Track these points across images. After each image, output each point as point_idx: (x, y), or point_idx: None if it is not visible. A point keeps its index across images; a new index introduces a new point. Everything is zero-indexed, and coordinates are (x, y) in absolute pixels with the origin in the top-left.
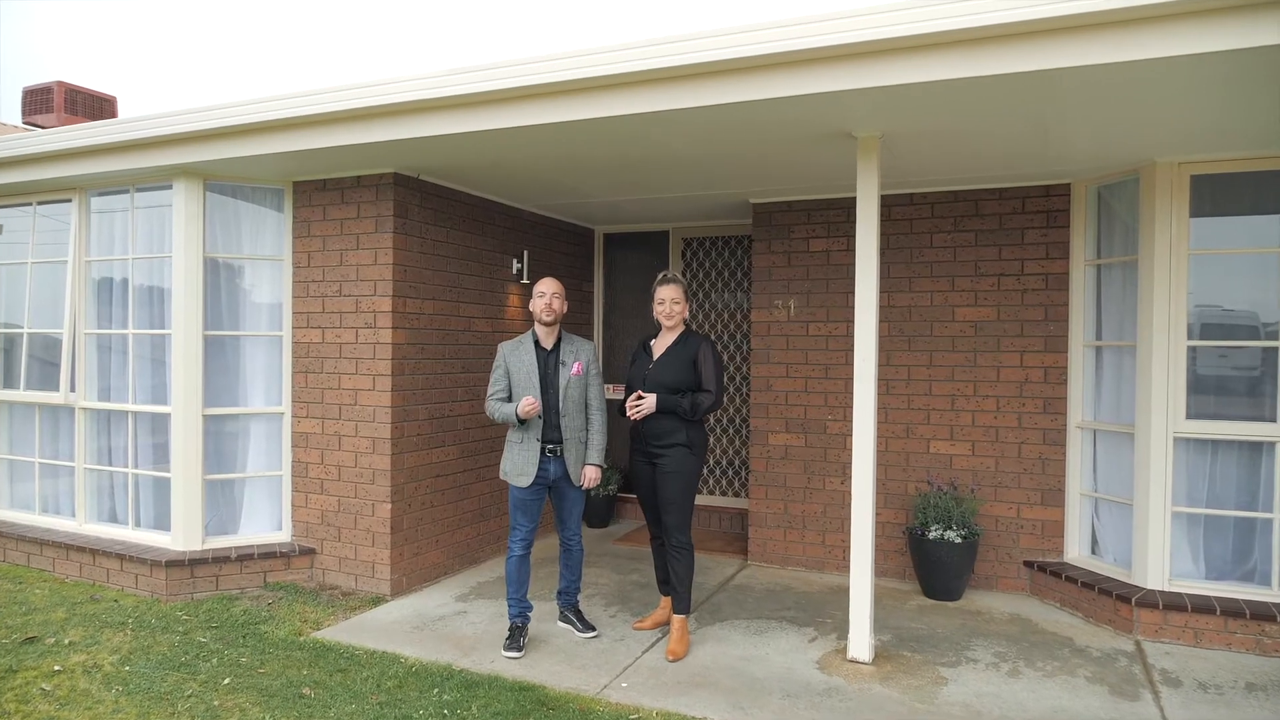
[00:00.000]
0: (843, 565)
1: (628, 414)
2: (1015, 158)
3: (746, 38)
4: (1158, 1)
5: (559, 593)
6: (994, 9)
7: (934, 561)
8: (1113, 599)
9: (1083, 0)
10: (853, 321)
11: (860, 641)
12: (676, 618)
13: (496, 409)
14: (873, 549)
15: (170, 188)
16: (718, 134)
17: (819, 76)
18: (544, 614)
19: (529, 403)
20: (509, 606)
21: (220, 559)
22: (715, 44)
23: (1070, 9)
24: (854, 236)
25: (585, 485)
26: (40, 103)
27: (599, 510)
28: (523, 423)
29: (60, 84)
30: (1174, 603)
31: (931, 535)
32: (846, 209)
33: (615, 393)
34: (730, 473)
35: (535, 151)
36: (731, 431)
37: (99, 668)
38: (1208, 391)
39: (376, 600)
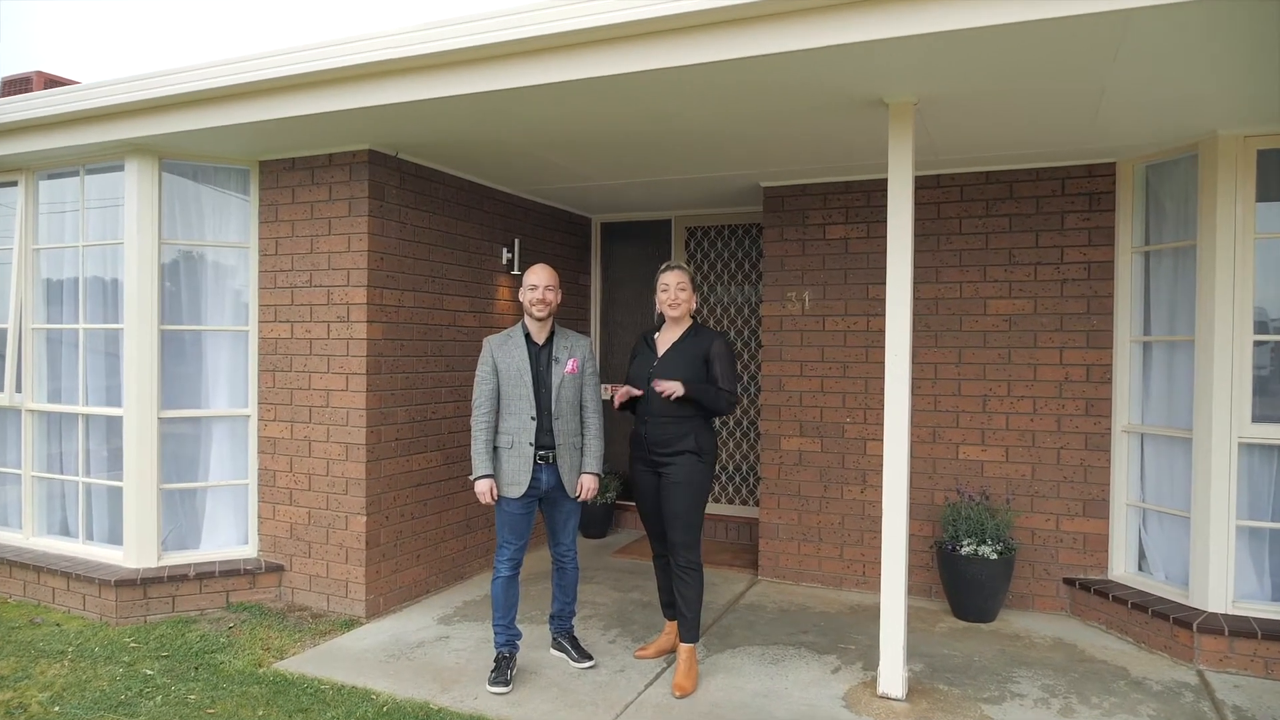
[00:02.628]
0: (863, 582)
1: (661, 393)
2: (1059, 131)
3: None
4: None
5: (552, 617)
6: None
7: (966, 580)
8: (1170, 623)
9: None
10: (873, 315)
11: (892, 675)
12: (684, 647)
13: (478, 436)
14: (906, 569)
15: (122, 168)
16: (729, 102)
17: (849, 23)
18: (535, 640)
19: (483, 490)
20: (495, 634)
21: (177, 577)
22: None
23: None
24: (875, 222)
25: (582, 497)
26: (19, 93)
27: (596, 519)
28: (510, 426)
29: (39, 74)
30: (1241, 628)
31: (964, 550)
32: (867, 192)
33: (611, 393)
34: (738, 479)
35: (524, 124)
36: (739, 435)
37: (24, 708)
38: (1275, 392)
39: (350, 623)
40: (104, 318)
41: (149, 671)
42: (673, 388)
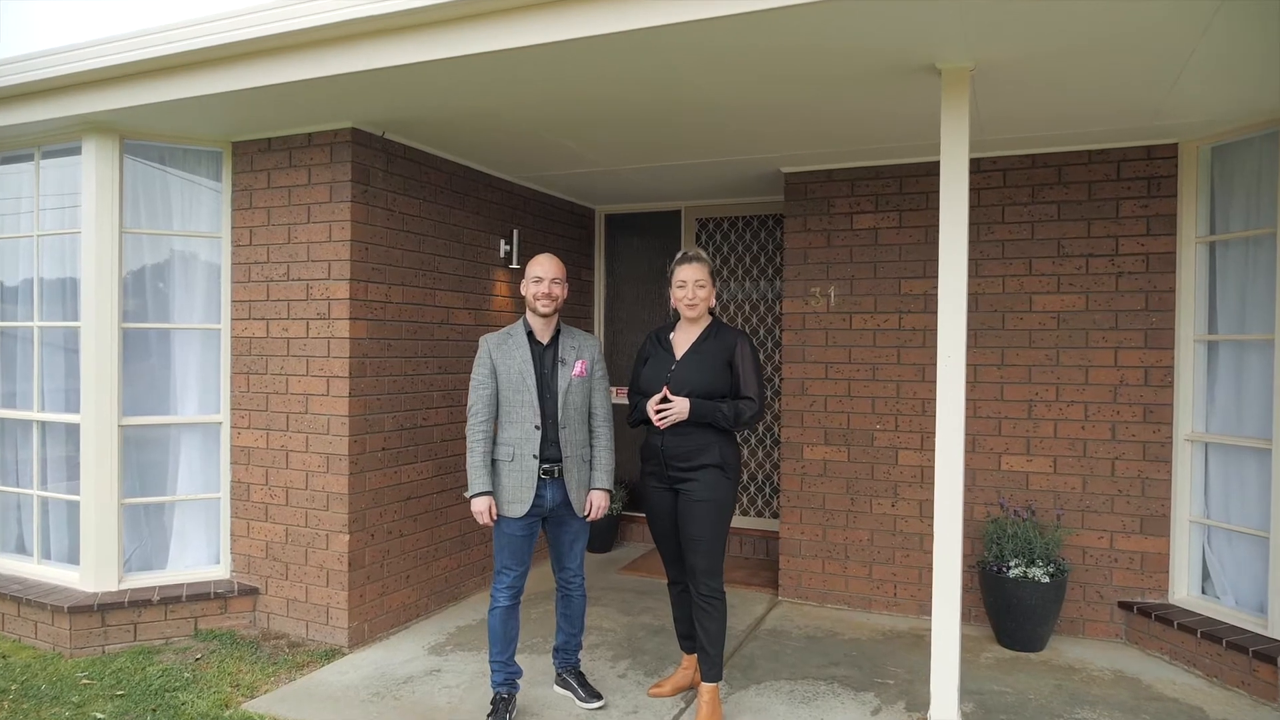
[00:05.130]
0: (894, 604)
1: (653, 420)
2: (1126, 107)
3: None
4: None
5: (556, 650)
6: None
7: (1014, 604)
8: (1248, 657)
9: None
10: (906, 312)
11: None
12: (706, 687)
13: (475, 447)
14: (959, 601)
15: (80, 150)
16: (757, 70)
17: None
18: (537, 674)
19: (481, 509)
20: (492, 672)
21: (139, 602)
22: None
23: None
24: (907, 210)
25: (591, 516)
26: None
27: (601, 532)
28: (511, 436)
29: None
30: None
31: (1011, 572)
32: (899, 178)
33: (618, 397)
34: (752, 489)
35: (522, 98)
36: (754, 442)
37: None
38: None
39: (330, 654)
40: (62, 315)
41: (99, 715)
42: (677, 411)
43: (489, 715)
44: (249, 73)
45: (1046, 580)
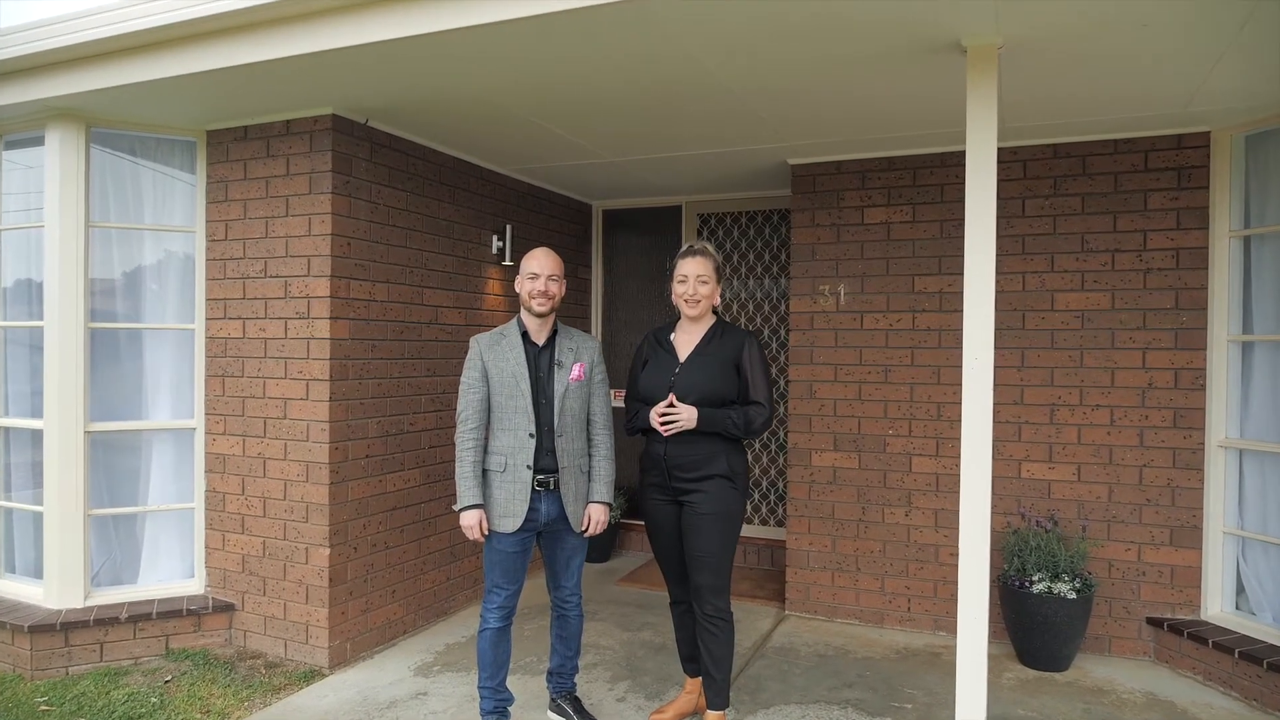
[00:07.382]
0: (907, 619)
1: (658, 427)
2: (1160, 91)
3: None
4: None
5: (550, 672)
6: None
7: (1038, 622)
8: None
9: None
10: (919, 311)
11: None
12: (712, 715)
13: (464, 457)
14: (986, 621)
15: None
16: (771, 47)
17: None
18: (529, 698)
19: (470, 524)
20: (481, 698)
21: (106, 620)
22: None
23: None
24: (921, 204)
25: (590, 531)
26: None
27: (599, 541)
28: (503, 445)
29: None
30: None
31: (1036, 588)
32: (912, 169)
33: (618, 400)
34: (758, 496)
35: (514, 80)
36: (759, 447)
37: None
38: None
39: (310, 675)
40: (28, 314)
41: None
42: (685, 419)
43: None
44: (223, 51)
45: (1073, 596)
